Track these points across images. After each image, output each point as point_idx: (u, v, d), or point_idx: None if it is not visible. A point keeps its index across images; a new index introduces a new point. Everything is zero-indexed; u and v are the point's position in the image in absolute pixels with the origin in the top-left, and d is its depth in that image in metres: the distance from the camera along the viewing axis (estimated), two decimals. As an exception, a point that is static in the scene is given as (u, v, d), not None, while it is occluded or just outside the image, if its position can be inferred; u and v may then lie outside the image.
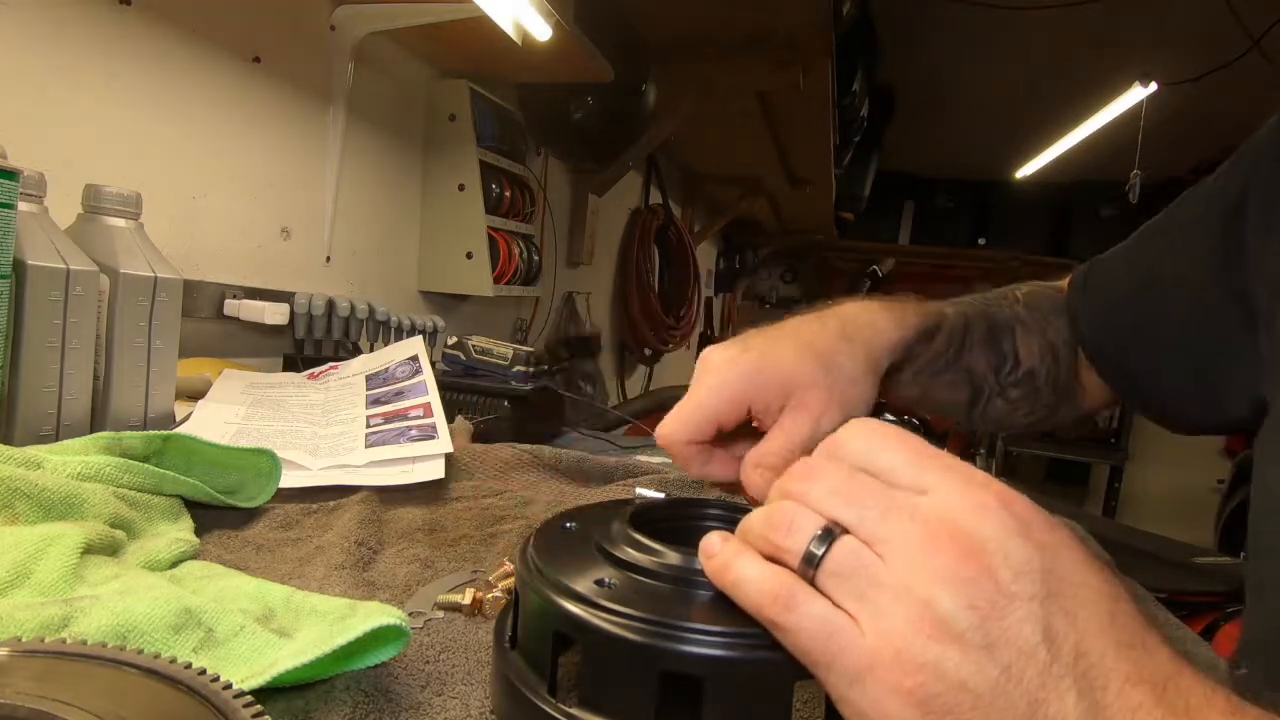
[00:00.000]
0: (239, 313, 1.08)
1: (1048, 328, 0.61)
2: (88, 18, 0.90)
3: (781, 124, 2.62)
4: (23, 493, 0.42)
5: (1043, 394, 0.60)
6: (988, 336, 0.59)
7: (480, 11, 1.15)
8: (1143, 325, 0.57)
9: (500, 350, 1.06)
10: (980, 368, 0.59)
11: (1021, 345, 0.60)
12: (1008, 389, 0.59)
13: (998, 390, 0.59)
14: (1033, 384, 0.60)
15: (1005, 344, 0.60)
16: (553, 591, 0.29)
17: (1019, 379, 0.59)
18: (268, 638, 0.33)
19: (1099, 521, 2.67)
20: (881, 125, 3.75)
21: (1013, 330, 0.60)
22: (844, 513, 0.27)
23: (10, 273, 0.57)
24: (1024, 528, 0.26)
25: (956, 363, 0.58)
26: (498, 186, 1.62)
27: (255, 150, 1.17)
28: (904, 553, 0.25)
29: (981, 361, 0.59)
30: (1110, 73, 2.95)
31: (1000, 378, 0.59)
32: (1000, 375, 0.59)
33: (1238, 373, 0.52)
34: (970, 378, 0.59)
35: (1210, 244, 0.52)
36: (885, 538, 0.26)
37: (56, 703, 0.22)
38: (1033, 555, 0.25)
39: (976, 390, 0.59)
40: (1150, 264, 0.58)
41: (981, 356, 0.59)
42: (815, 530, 0.26)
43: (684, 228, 3.31)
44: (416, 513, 0.61)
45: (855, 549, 0.26)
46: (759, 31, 1.88)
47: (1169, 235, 0.57)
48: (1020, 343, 0.60)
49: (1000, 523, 0.25)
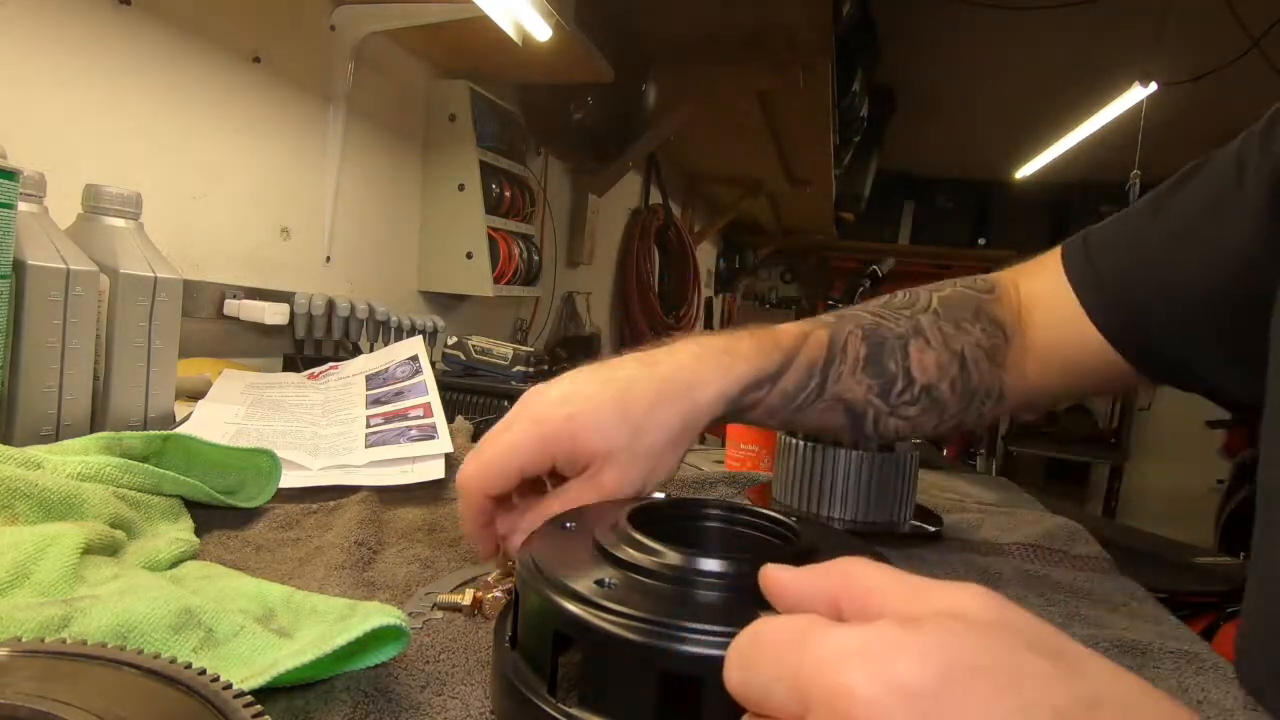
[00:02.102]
0: (239, 313, 1.08)
1: (955, 336, 0.57)
2: (88, 17, 0.90)
3: (781, 124, 2.62)
4: (23, 493, 0.42)
5: (948, 405, 0.57)
6: (868, 359, 0.56)
7: (480, 12, 1.15)
8: (1185, 310, 0.53)
9: (500, 350, 1.06)
10: (856, 394, 0.55)
11: (915, 363, 0.56)
12: (901, 408, 0.56)
13: (887, 411, 0.56)
14: (932, 397, 0.56)
15: (891, 364, 0.56)
16: (553, 591, 0.29)
17: (914, 396, 0.56)
18: (268, 638, 0.33)
19: (1099, 521, 2.67)
20: (881, 125, 3.75)
21: (904, 348, 0.56)
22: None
23: (10, 273, 0.57)
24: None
25: (820, 395, 0.55)
26: (498, 186, 1.62)
27: (255, 150, 1.17)
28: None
29: (858, 388, 0.55)
30: (1110, 73, 2.95)
31: (890, 399, 0.56)
32: (890, 396, 0.56)
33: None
34: (844, 405, 0.55)
35: (1256, 208, 0.49)
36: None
37: (56, 703, 0.22)
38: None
39: (856, 415, 0.56)
40: (1185, 241, 0.53)
41: (858, 382, 0.55)
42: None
43: (684, 228, 3.31)
44: (416, 513, 0.61)
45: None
46: (759, 31, 1.88)
47: (1204, 209, 0.53)
48: (913, 361, 0.56)
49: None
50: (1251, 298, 0.50)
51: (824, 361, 0.55)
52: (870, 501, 0.66)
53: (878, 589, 0.23)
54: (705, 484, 0.79)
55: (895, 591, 0.23)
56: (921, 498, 0.76)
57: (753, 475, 0.84)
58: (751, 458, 0.93)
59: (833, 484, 0.66)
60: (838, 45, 2.01)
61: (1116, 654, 0.45)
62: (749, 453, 0.93)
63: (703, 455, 1.07)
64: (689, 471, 0.82)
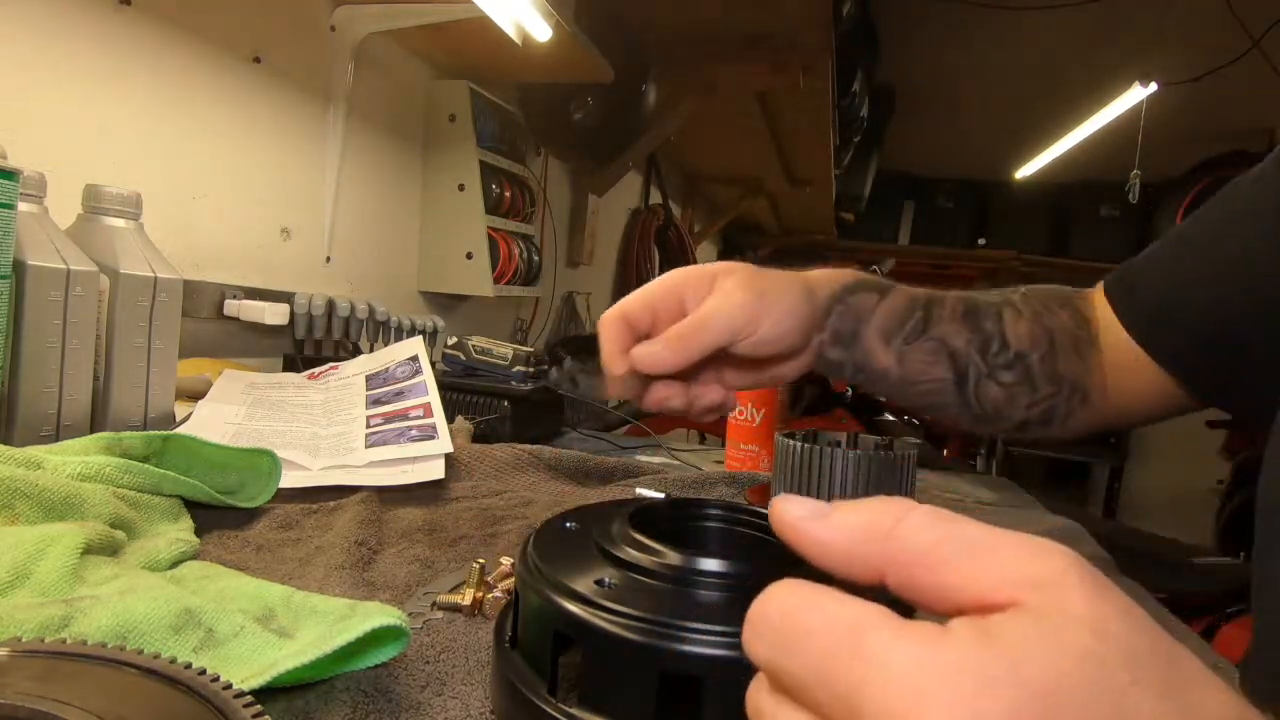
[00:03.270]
0: (239, 313, 1.08)
1: (1044, 314, 0.58)
2: (88, 17, 0.90)
3: (781, 124, 2.62)
4: (23, 493, 0.42)
5: (1039, 382, 0.57)
6: (964, 313, 0.57)
7: (480, 12, 1.15)
8: (1218, 321, 0.53)
9: (500, 350, 1.06)
10: (958, 342, 0.56)
11: (1009, 327, 0.57)
12: (997, 370, 0.56)
13: (986, 371, 0.56)
14: (1025, 368, 0.56)
15: (988, 323, 0.57)
16: (553, 591, 0.29)
17: (1009, 360, 0.56)
18: (268, 638, 0.33)
19: (1099, 521, 2.67)
20: (881, 125, 3.75)
21: (998, 313, 0.57)
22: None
23: (10, 273, 0.57)
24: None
25: (926, 330, 0.56)
26: (498, 186, 1.62)
27: (255, 150, 1.17)
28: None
29: (959, 336, 0.56)
30: (1110, 73, 2.96)
31: (987, 358, 0.56)
32: (987, 355, 0.56)
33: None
34: (949, 351, 0.56)
35: (1269, 210, 0.49)
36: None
37: (56, 703, 0.22)
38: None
39: (960, 368, 0.56)
40: (1207, 253, 0.54)
41: (958, 330, 0.56)
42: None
43: (684, 228, 3.31)
44: (416, 513, 0.61)
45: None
46: (759, 31, 1.88)
47: (1224, 219, 0.54)
48: (1007, 325, 0.57)
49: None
50: (1275, 298, 0.50)
51: (925, 300, 0.57)
52: (870, 501, 0.65)
53: (933, 549, 0.19)
54: (705, 484, 0.79)
55: (957, 557, 0.19)
56: (921, 498, 0.76)
57: (753, 475, 0.84)
58: (751, 458, 0.93)
59: (831, 484, 0.66)
60: (838, 45, 2.01)
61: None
62: (749, 453, 0.93)
63: (703, 455, 1.07)
64: (689, 472, 0.82)
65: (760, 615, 0.20)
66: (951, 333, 0.56)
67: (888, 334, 0.55)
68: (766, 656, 0.19)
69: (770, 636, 0.19)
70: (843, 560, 0.20)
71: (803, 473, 0.68)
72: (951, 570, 0.19)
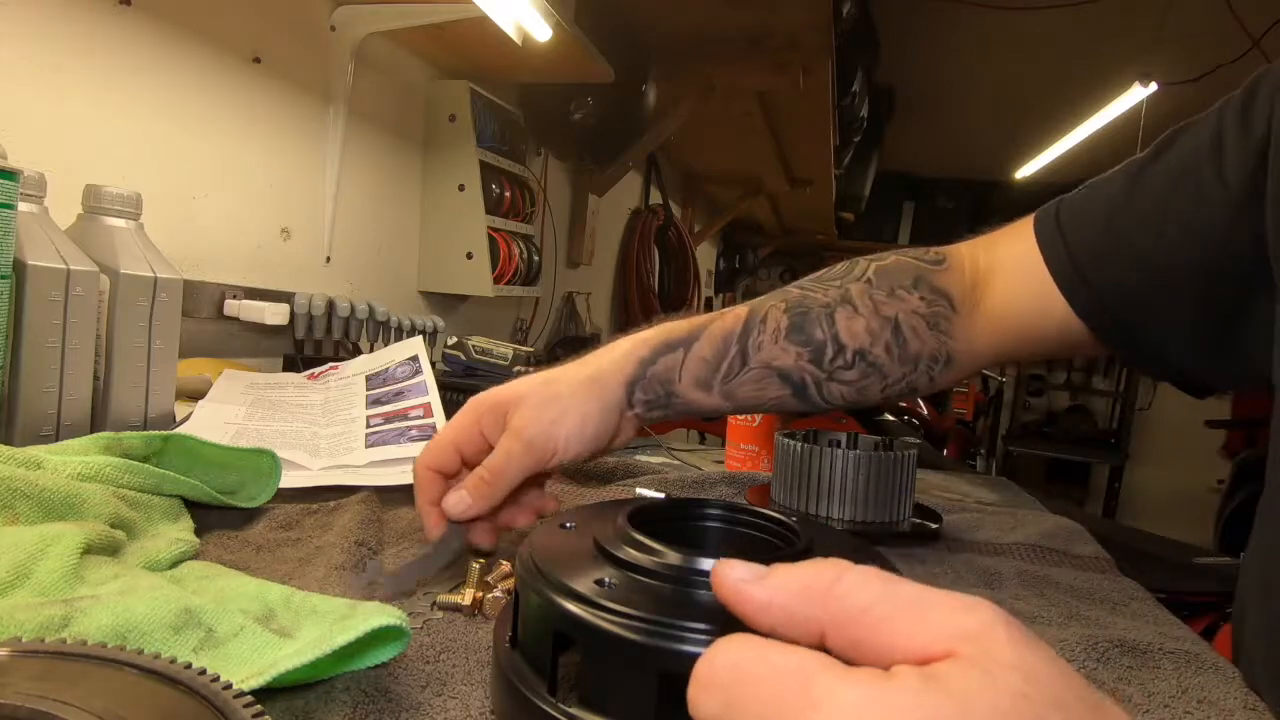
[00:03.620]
0: (239, 313, 1.08)
1: (887, 303, 0.58)
2: (88, 18, 0.90)
3: (781, 124, 2.62)
4: (23, 493, 0.42)
5: (887, 369, 0.58)
6: (791, 328, 0.57)
7: (480, 12, 1.15)
8: (1153, 285, 0.53)
9: (500, 350, 1.06)
10: (786, 362, 0.57)
11: (843, 329, 0.57)
12: (838, 372, 0.57)
13: (825, 376, 0.57)
14: (867, 363, 0.57)
15: (817, 332, 0.57)
16: (553, 591, 0.29)
17: (848, 361, 0.57)
18: (268, 638, 0.33)
19: (1099, 521, 2.67)
20: (881, 125, 3.75)
21: (829, 316, 0.57)
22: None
23: (10, 273, 0.57)
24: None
25: (745, 364, 0.57)
26: (498, 186, 1.62)
27: (255, 150, 1.17)
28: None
29: (786, 355, 0.57)
30: (1110, 73, 2.96)
31: (823, 365, 0.57)
32: (822, 363, 0.57)
33: (1257, 327, 0.49)
34: (777, 372, 0.57)
35: (1227, 191, 0.49)
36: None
37: (56, 703, 0.22)
38: None
39: (795, 381, 0.57)
40: (1156, 217, 0.53)
41: (784, 350, 0.57)
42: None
43: (684, 228, 3.31)
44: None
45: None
46: (759, 31, 1.88)
47: (1175, 185, 0.53)
48: (840, 327, 0.57)
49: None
50: (1225, 278, 0.50)
51: (740, 331, 0.57)
52: (869, 501, 0.66)
53: (871, 608, 0.20)
54: (705, 484, 0.79)
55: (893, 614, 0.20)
56: (921, 497, 0.76)
57: (753, 475, 0.84)
58: (751, 458, 0.93)
59: (831, 484, 0.66)
60: (838, 45, 2.01)
61: (1116, 654, 0.44)
62: (749, 453, 0.93)
63: (703, 455, 1.07)
64: (689, 472, 0.82)
65: (707, 671, 0.20)
66: (776, 355, 0.57)
67: (704, 382, 0.56)
68: (716, 713, 0.19)
69: (717, 692, 0.20)
70: (783, 620, 0.21)
71: (803, 473, 0.68)
72: (889, 627, 0.20)
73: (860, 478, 0.66)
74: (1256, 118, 0.49)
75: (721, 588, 0.22)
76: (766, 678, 0.19)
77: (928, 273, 0.60)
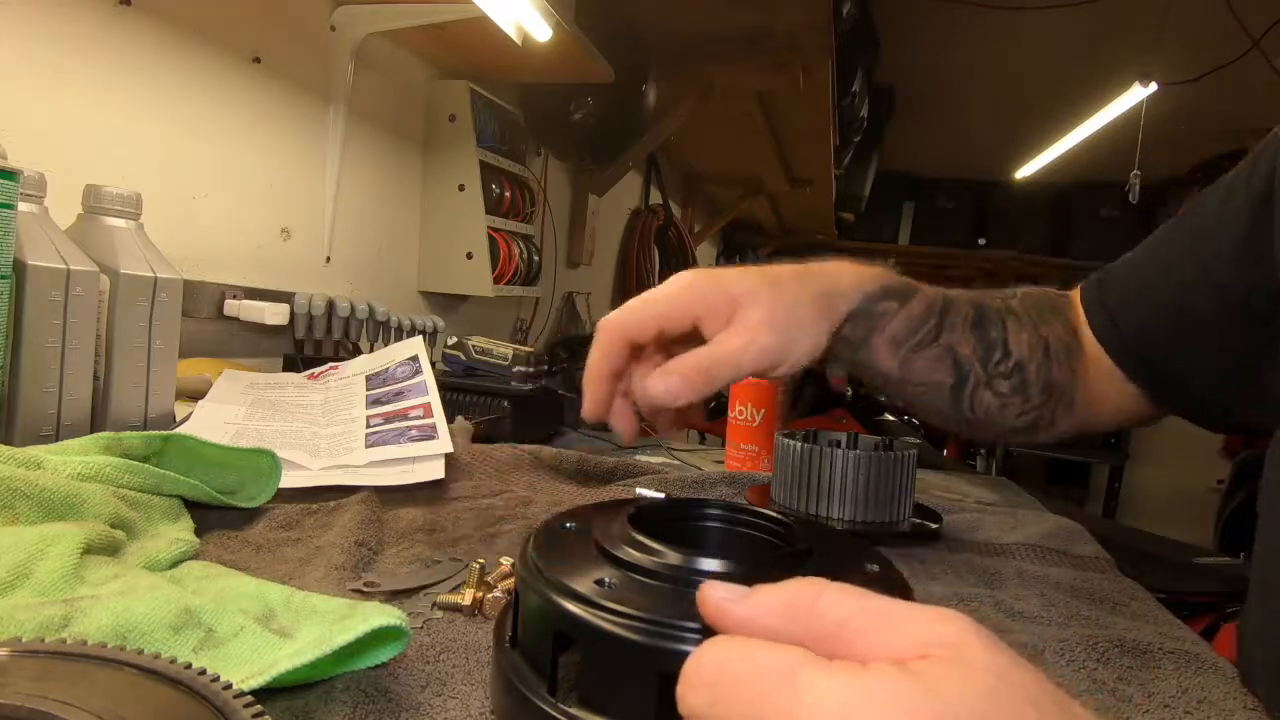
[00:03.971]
0: (239, 313, 1.08)
1: (1041, 325, 0.59)
2: (88, 18, 0.90)
3: (781, 124, 2.62)
4: (23, 493, 0.42)
5: (1032, 392, 0.58)
6: (975, 320, 0.57)
7: (480, 12, 1.15)
8: (1174, 326, 0.55)
9: (500, 350, 1.06)
10: (965, 350, 0.56)
11: (1012, 336, 0.57)
12: (995, 380, 0.57)
13: (984, 380, 0.56)
14: (1022, 378, 0.57)
15: (994, 331, 0.57)
16: (553, 591, 0.29)
17: (1009, 370, 0.57)
18: (268, 638, 0.33)
19: (1099, 521, 2.67)
20: (881, 125, 3.75)
21: (1003, 320, 0.58)
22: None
23: (10, 273, 0.57)
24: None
25: (937, 339, 0.56)
26: (498, 186, 1.62)
27: (255, 150, 1.17)
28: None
29: (966, 344, 0.56)
30: (1110, 73, 2.95)
31: (988, 366, 0.56)
32: (988, 364, 0.56)
33: (1272, 369, 0.50)
34: (954, 358, 0.56)
35: (1235, 235, 0.51)
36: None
37: (56, 703, 0.22)
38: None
39: (961, 375, 0.56)
40: (1174, 264, 0.56)
41: (966, 339, 0.57)
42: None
43: (684, 228, 3.31)
44: (416, 513, 0.61)
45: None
46: (759, 31, 1.88)
47: (1191, 235, 0.55)
48: (1011, 333, 0.58)
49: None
50: (1234, 313, 0.52)
51: (941, 307, 0.56)
52: (869, 501, 0.66)
53: (848, 622, 0.21)
54: (705, 484, 0.79)
55: (870, 626, 0.21)
56: (921, 497, 0.76)
57: (752, 475, 0.84)
58: (751, 458, 0.93)
59: (831, 484, 0.66)
60: (838, 45, 2.01)
61: (1116, 654, 0.44)
62: (749, 453, 0.93)
63: (703, 455, 1.07)
64: (689, 472, 0.82)
65: (694, 670, 0.21)
66: (959, 340, 0.56)
67: (897, 342, 0.55)
68: (703, 710, 0.20)
69: (704, 690, 0.20)
70: (765, 638, 0.22)
71: (803, 473, 0.68)
72: (865, 640, 0.21)
73: (860, 478, 0.66)
74: (1257, 175, 0.51)
75: (704, 605, 0.23)
76: (752, 675, 0.20)
77: (1063, 305, 0.61)
